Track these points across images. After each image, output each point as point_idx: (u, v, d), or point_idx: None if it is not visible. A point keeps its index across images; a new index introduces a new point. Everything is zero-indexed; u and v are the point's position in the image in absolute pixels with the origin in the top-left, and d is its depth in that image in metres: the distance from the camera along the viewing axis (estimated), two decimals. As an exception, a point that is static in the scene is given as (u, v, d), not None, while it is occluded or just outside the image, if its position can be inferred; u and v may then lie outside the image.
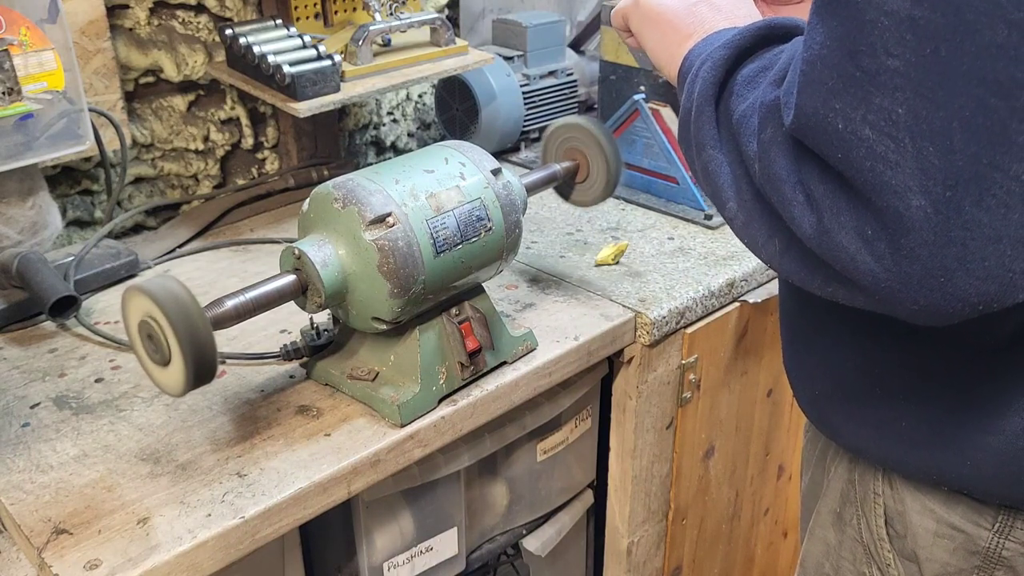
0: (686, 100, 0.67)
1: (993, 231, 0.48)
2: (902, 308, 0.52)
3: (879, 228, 0.50)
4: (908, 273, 0.50)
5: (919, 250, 0.49)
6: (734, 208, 0.62)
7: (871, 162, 0.49)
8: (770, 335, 1.27)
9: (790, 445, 1.44)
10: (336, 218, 0.82)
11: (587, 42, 1.75)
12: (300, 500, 0.78)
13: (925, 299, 0.50)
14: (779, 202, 0.56)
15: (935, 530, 0.71)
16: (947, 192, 0.47)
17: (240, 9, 1.34)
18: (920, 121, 0.47)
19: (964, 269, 0.49)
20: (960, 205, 0.47)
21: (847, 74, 0.49)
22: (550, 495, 1.15)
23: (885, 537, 0.75)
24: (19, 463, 0.82)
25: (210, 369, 0.71)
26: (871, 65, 0.48)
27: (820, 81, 0.50)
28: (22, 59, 0.97)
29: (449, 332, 0.89)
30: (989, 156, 0.46)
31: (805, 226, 0.54)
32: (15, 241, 1.06)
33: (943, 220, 0.48)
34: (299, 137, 1.43)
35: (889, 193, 0.48)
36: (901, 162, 0.48)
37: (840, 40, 0.49)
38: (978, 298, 0.49)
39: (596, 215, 1.33)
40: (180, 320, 0.69)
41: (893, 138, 0.48)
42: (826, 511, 0.82)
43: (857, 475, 0.77)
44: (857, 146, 0.49)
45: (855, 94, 0.49)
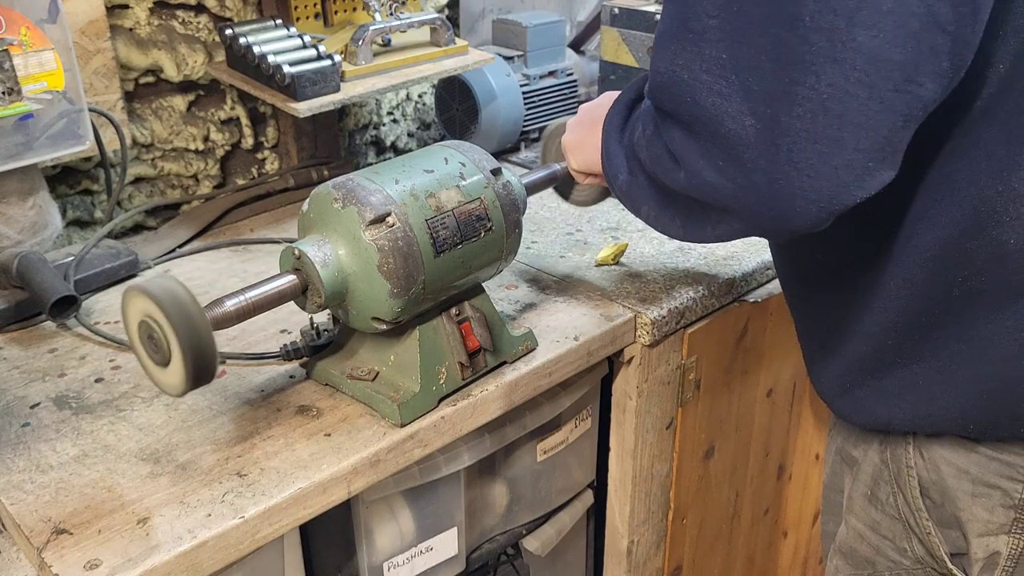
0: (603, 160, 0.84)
1: (808, 134, 0.59)
2: (767, 217, 0.64)
3: (725, 155, 0.63)
4: (757, 183, 0.62)
5: (759, 161, 0.61)
6: (647, 208, 0.79)
7: (712, 98, 0.63)
8: (770, 335, 1.27)
9: (790, 445, 1.44)
10: (336, 218, 0.82)
11: (587, 42, 1.75)
12: (300, 500, 0.78)
13: (779, 203, 0.62)
14: (663, 174, 0.71)
15: (971, 491, 0.76)
16: (767, 109, 0.60)
17: (240, 9, 1.34)
18: (739, 60, 0.61)
19: (795, 169, 0.60)
20: (777, 118, 0.60)
21: (683, 37, 0.64)
22: (550, 495, 1.15)
23: (923, 507, 0.80)
24: (19, 463, 0.82)
25: (210, 369, 0.71)
26: (698, 26, 0.63)
27: (666, 48, 0.66)
28: (22, 59, 0.97)
29: (449, 332, 0.89)
30: (790, 75, 0.59)
31: (681, 180, 0.68)
32: (15, 241, 1.06)
33: (768, 132, 0.61)
34: (299, 137, 1.43)
35: (728, 119, 0.62)
36: (732, 93, 0.62)
37: (674, 15, 0.65)
38: (816, 195, 0.61)
39: (596, 215, 1.33)
40: (180, 320, 0.69)
41: (723, 77, 0.62)
42: (858, 496, 0.86)
43: (889, 453, 0.82)
44: (699, 88, 0.63)
45: (691, 50, 0.64)
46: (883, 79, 0.58)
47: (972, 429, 0.75)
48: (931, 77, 0.59)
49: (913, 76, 0.59)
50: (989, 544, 0.77)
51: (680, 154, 0.67)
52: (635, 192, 0.79)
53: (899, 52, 0.58)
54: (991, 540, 0.77)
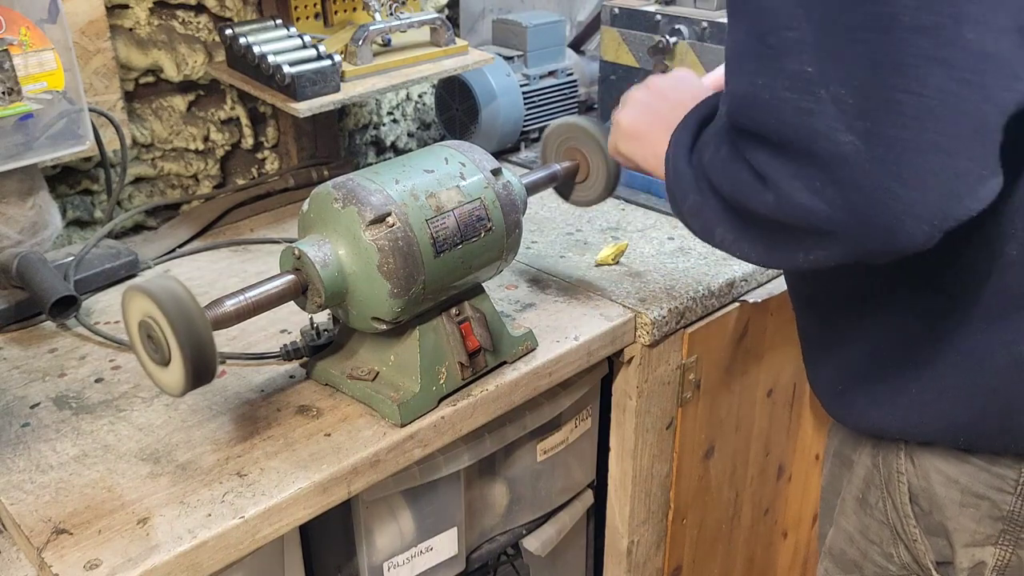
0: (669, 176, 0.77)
1: (915, 144, 0.54)
2: (869, 241, 0.58)
3: (822, 175, 0.57)
4: (857, 203, 0.57)
5: (860, 179, 0.56)
6: (721, 231, 0.71)
7: (799, 117, 0.57)
8: (770, 335, 1.27)
9: (790, 445, 1.44)
10: (336, 218, 0.81)
11: (587, 42, 1.75)
12: (300, 500, 0.78)
13: (883, 223, 0.57)
14: (746, 198, 0.64)
15: (960, 500, 0.75)
16: (866, 123, 0.55)
17: (240, 9, 1.34)
18: (827, 72, 0.56)
19: (901, 183, 0.55)
20: (879, 130, 0.55)
21: (761, 54, 0.59)
22: (550, 495, 1.15)
23: (911, 514, 0.79)
24: (19, 463, 0.82)
25: (210, 369, 0.71)
26: (776, 41, 0.58)
27: (742, 68, 0.61)
28: (22, 59, 0.97)
29: (449, 332, 0.89)
30: (890, 82, 0.54)
31: (770, 203, 0.62)
32: (15, 241, 1.06)
33: (869, 146, 0.55)
34: (299, 137, 1.43)
35: (821, 139, 0.56)
36: (822, 109, 0.56)
37: (749, 31, 0.60)
38: (927, 211, 0.55)
39: (596, 215, 1.33)
40: (180, 320, 0.69)
41: (811, 93, 0.57)
42: (850, 498, 0.85)
43: (881, 458, 0.81)
44: (784, 107, 0.58)
45: (771, 67, 0.58)
46: (994, 78, 0.54)
47: (963, 441, 0.74)
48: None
49: (1018, 71, 0.55)
50: (975, 555, 0.77)
51: (768, 176, 0.61)
52: (707, 215, 0.72)
53: (1008, 47, 0.54)
54: (977, 551, 0.76)
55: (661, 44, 1.40)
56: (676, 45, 1.40)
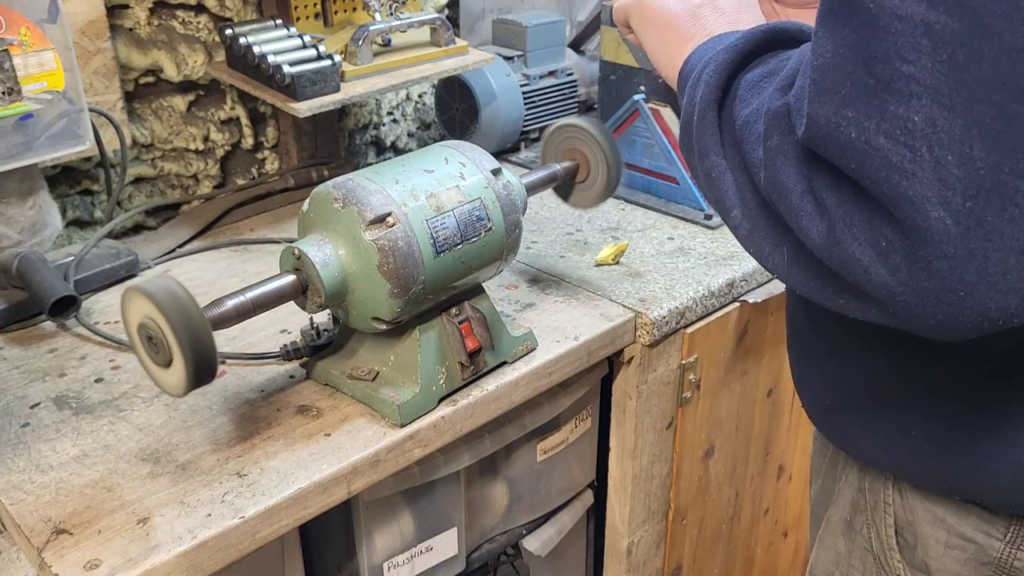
0: (687, 104, 0.65)
1: (1017, 242, 0.46)
2: (918, 323, 0.50)
3: (896, 240, 0.48)
4: (925, 288, 0.48)
5: (938, 263, 0.47)
6: (738, 216, 0.61)
7: (886, 172, 0.47)
8: (770, 335, 1.27)
9: (790, 445, 1.44)
10: (336, 218, 0.82)
11: (587, 42, 1.75)
12: (300, 500, 0.78)
13: (943, 314, 0.48)
14: (786, 211, 0.54)
15: (946, 540, 0.70)
16: (967, 203, 0.45)
17: (240, 9, 1.34)
18: (938, 129, 0.45)
19: (986, 283, 0.47)
20: (981, 216, 0.45)
21: (860, 82, 0.47)
22: (550, 495, 1.15)
23: (895, 547, 0.74)
24: (19, 463, 0.82)
25: (210, 369, 0.71)
26: (885, 72, 0.46)
27: (832, 90, 0.49)
28: (22, 59, 0.97)
29: (449, 332, 0.89)
30: (1011, 164, 0.45)
31: (814, 236, 0.52)
32: (15, 241, 1.06)
33: (963, 232, 0.46)
34: (299, 137, 1.43)
35: (906, 204, 0.46)
36: (918, 172, 0.46)
37: (852, 47, 0.48)
38: (999, 313, 0.48)
39: (596, 215, 1.33)
40: (180, 321, 0.69)
41: (910, 147, 0.46)
42: (836, 519, 0.81)
43: (868, 484, 0.75)
44: (872, 156, 0.47)
45: (869, 102, 0.47)
46: None
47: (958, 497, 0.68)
48: None
49: None
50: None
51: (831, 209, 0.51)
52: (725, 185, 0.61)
53: None
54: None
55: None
56: (676, 45, 1.39)
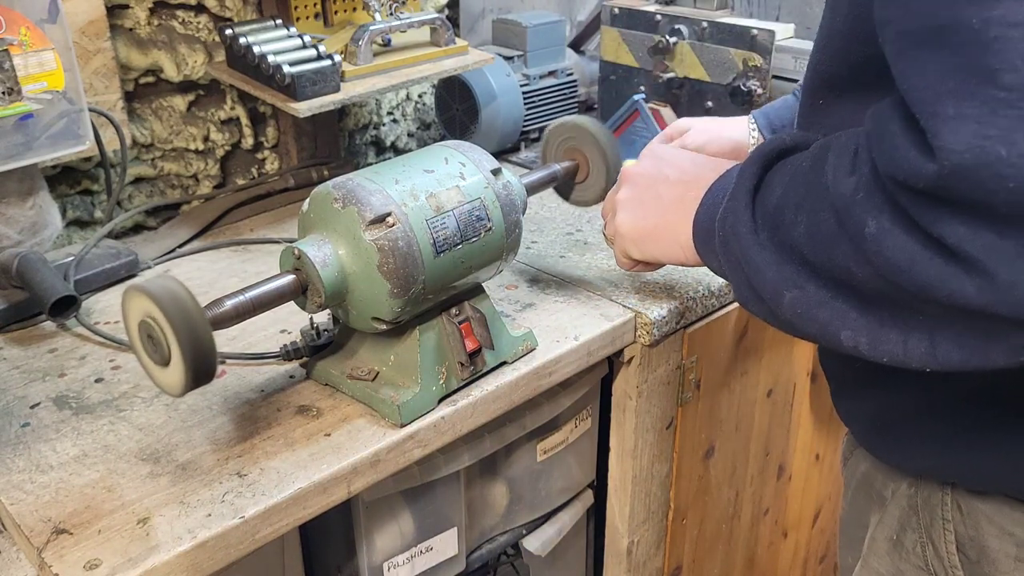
0: (729, 264, 0.64)
1: None
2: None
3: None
4: None
5: None
6: (851, 335, 0.57)
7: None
8: (770, 335, 1.27)
9: (790, 445, 1.44)
10: (336, 218, 0.82)
11: (587, 42, 1.75)
12: (300, 500, 0.78)
13: None
14: (922, 287, 0.50)
15: (1016, 554, 0.68)
16: None
17: (240, 9, 1.34)
18: None
19: None
20: None
21: (992, 98, 0.45)
22: (550, 495, 1.15)
23: (958, 564, 0.71)
24: (19, 463, 0.82)
25: (210, 369, 0.71)
26: (1016, 81, 0.44)
27: (961, 116, 0.46)
28: (22, 59, 0.97)
29: (449, 332, 0.89)
30: None
31: (971, 293, 0.48)
32: (15, 241, 1.06)
33: None
34: (299, 137, 1.43)
35: None
36: None
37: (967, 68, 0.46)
38: None
39: (596, 215, 1.33)
40: (180, 320, 0.69)
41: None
42: (882, 538, 0.78)
43: (920, 501, 0.73)
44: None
45: (1009, 115, 0.45)
46: None
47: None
48: None
49: None
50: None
51: (977, 257, 0.47)
52: (820, 313, 0.58)
53: None
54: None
55: (661, 44, 1.40)
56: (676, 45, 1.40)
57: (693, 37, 1.38)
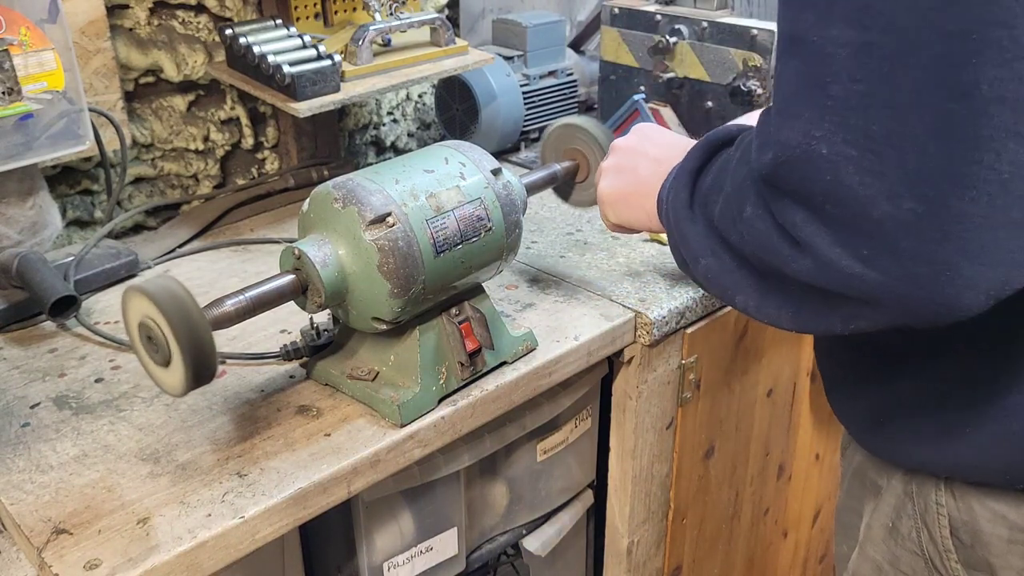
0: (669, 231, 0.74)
1: (984, 219, 0.51)
2: (923, 311, 0.55)
3: (875, 242, 0.54)
4: (916, 274, 0.53)
5: (921, 250, 0.52)
6: (743, 299, 0.67)
7: (860, 176, 0.53)
8: (770, 335, 1.27)
9: (790, 445, 1.44)
10: (336, 218, 0.82)
11: (587, 42, 1.75)
12: (300, 500, 0.78)
13: (943, 294, 0.53)
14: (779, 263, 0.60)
15: (1008, 537, 0.70)
16: (932, 191, 0.51)
17: (240, 9, 1.34)
18: (894, 133, 0.52)
19: (967, 258, 0.52)
20: (946, 201, 0.51)
21: (821, 104, 0.54)
22: (550, 495, 1.15)
23: (951, 548, 0.74)
24: (19, 463, 0.82)
25: (210, 369, 0.71)
26: (840, 92, 0.53)
27: (797, 115, 0.55)
28: (22, 59, 0.97)
29: (449, 332, 0.89)
30: (962, 153, 0.51)
31: (805, 270, 0.58)
32: (15, 241, 1.06)
33: (934, 217, 0.52)
34: (299, 137, 1.43)
35: (883, 201, 0.52)
36: (887, 171, 0.52)
37: (807, 76, 0.55)
38: (988, 284, 0.53)
39: (596, 215, 1.33)
40: (180, 320, 0.69)
41: (875, 152, 0.52)
42: (878, 526, 0.80)
43: (915, 487, 0.76)
44: (845, 166, 0.53)
45: (832, 120, 0.53)
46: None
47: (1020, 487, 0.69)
48: None
49: None
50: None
51: (807, 240, 0.57)
52: (724, 279, 0.68)
53: None
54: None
55: (661, 44, 1.40)
56: (676, 45, 1.40)
57: (693, 37, 1.38)
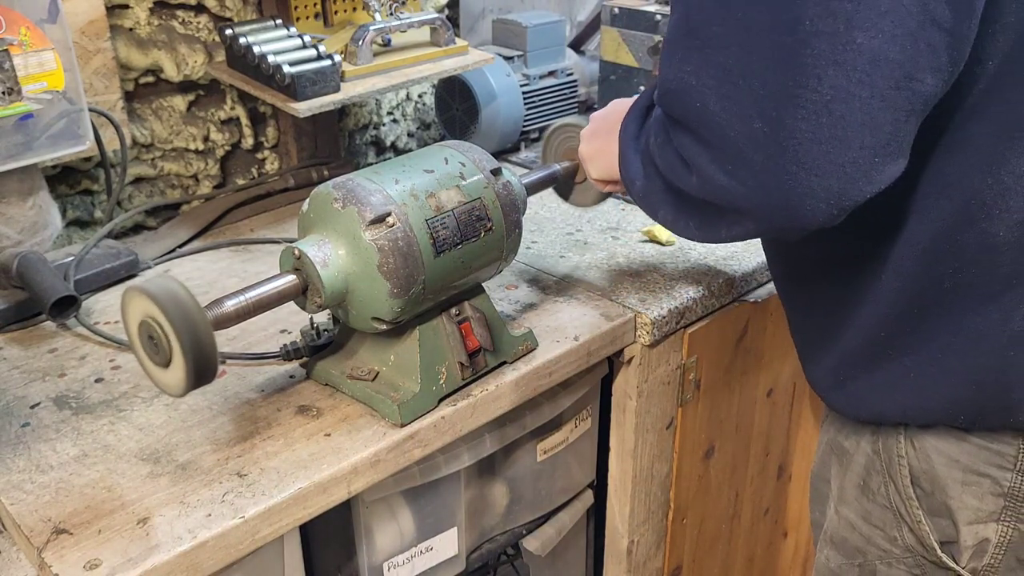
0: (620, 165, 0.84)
1: (812, 135, 0.61)
2: (778, 217, 0.65)
3: (735, 158, 0.65)
4: (766, 184, 0.64)
5: (767, 163, 0.63)
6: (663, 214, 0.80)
7: (721, 102, 0.64)
8: (770, 335, 1.27)
9: (790, 445, 1.44)
10: (336, 218, 0.82)
11: (587, 42, 1.75)
12: (300, 500, 0.78)
13: (789, 202, 0.64)
14: (676, 180, 0.73)
15: (962, 479, 0.78)
16: (773, 112, 0.62)
17: (240, 9, 1.34)
18: (743, 65, 0.63)
19: (803, 169, 0.62)
20: (783, 120, 0.62)
21: (690, 45, 0.66)
22: (550, 495, 1.15)
23: (913, 496, 0.81)
24: (19, 463, 0.82)
25: (210, 369, 0.71)
26: (704, 34, 0.65)
27: (674, 55, 0.68)
28: (22, 59, 0.97)
29: (449, 332, 0.89)
30: (793, 78, 0.61)
31: (693, 185, 0.70)
32: (15, 241, 1.06)
33: (775, 134, 0.62)
34: (299, 137, 1.43)
35: (737, 122, 0.64)
36: (740, 97, 0.63)
37: (681, 25, 0.67)
38: (827, 193, 0.63)
39: (596, 215, 1.33)
40: (180, 321, 0.69)
41: (730, 82, 0.64)
42: (850, 486, 0.87)
43: (880, 443, 0.83)
44: (708, 94, 0.65)
45: (698, 57, 0.66)
46: (883, 78, 0.60)
47: (963, 420, 0.76)
48: (931, 73, 0.61)
49: (913, 73, 0.61)
50: (978, 532, 0.79)
51: (691, 159, 0.69)
52: (651, 197, 0.80)
53: (898, 51, 0.60)
54: (980, 528, 0.78)
55: (661, 44, 1.40)
56: (676, 45, 1.40)
57: (693, 37, 1.38)
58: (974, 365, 0.74)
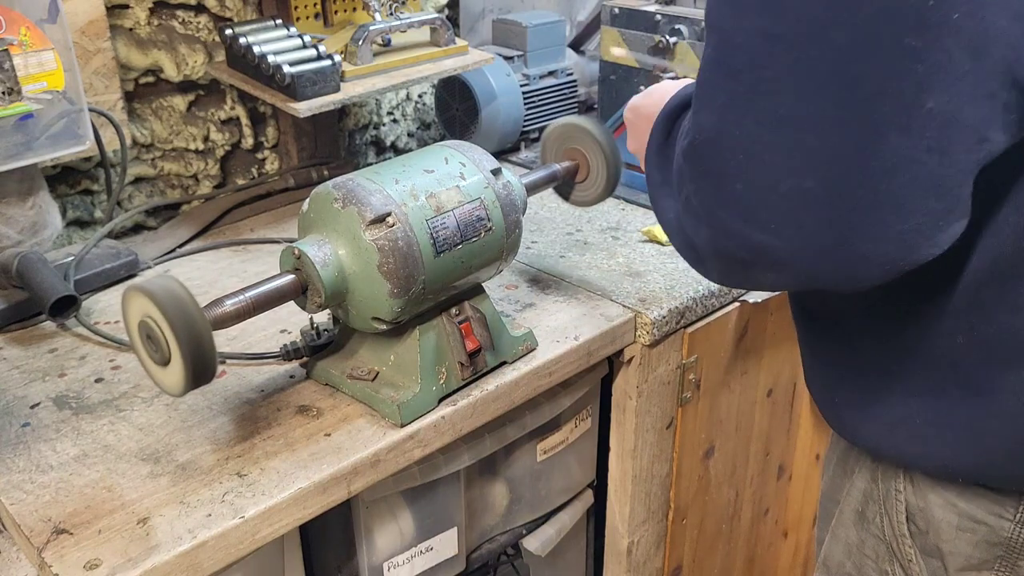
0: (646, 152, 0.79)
1: (870, 200, 0.56)
2: (824, 278, 0.60)
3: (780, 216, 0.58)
4: (817, 245, 0.58)
5: (819, 224, 0.57)
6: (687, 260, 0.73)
7: (769, 155, 0.58)
8: (770, 335, 1.27)
9: (790, 445, 1.44)
10: (336, 218, 0.82)
11: (587, 42, 1.75)
12: (300, 500, 0.78)
13: (838, 266, 0.59)
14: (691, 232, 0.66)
15: (957, 524, 0.74)
16: (827, 171, 0.56)
17: (240, 9, 1.34)
18: (796, 117, 0.56)
19: (857, 235, 0.57)
20: (840, 181, 0.56)
21: (732, 90, 0.59)
22: (550, 495, 1.15)
23: (906, 533, 0.77)
24: (19, 463, 0.82)
25: (210, 369, 0.71)
26: (749, 78, 0.58)
27: (712, 100, 0.60)
28: (22, 59, 0.97)
29: (449, 332, 0.89)
30: (852, 138, 0.55)
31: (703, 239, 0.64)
32: (15, 241, 1.06)
33: (829, 198, 0.56)
34: (299, 137, 1.43)
35: (788, 176, 0.57)
36: (792, 150, 0.57)
37: (719, 63, 0.60)
38: (880, 258, 0.58)
39: (596, 215, 1.33)
40: (180, 320, 0.69)
41: (780, 132, 0.57)
42: (849, 511, 0.84)
43: (880, 473, 0.79)
44: (753, 144, 0.58)
45: (743, 104, 0.58)
46: (956, 143, 0.55)
47: (962, 479, 0.72)
48: (1003, 130, 0.56)
49: (986, 134, 0.56)
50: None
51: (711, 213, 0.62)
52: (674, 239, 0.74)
53: (972, 114, 0.55)
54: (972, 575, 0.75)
55: (661, 44, 1.40)
56: (676, 45, 1.40)
57: (693, 37, 1.38)
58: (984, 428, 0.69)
